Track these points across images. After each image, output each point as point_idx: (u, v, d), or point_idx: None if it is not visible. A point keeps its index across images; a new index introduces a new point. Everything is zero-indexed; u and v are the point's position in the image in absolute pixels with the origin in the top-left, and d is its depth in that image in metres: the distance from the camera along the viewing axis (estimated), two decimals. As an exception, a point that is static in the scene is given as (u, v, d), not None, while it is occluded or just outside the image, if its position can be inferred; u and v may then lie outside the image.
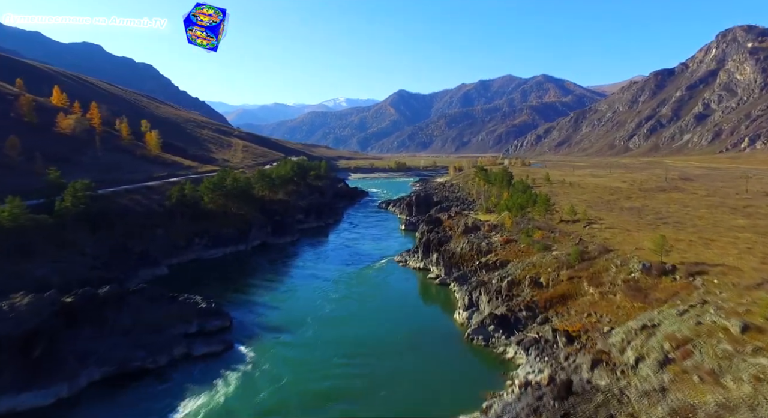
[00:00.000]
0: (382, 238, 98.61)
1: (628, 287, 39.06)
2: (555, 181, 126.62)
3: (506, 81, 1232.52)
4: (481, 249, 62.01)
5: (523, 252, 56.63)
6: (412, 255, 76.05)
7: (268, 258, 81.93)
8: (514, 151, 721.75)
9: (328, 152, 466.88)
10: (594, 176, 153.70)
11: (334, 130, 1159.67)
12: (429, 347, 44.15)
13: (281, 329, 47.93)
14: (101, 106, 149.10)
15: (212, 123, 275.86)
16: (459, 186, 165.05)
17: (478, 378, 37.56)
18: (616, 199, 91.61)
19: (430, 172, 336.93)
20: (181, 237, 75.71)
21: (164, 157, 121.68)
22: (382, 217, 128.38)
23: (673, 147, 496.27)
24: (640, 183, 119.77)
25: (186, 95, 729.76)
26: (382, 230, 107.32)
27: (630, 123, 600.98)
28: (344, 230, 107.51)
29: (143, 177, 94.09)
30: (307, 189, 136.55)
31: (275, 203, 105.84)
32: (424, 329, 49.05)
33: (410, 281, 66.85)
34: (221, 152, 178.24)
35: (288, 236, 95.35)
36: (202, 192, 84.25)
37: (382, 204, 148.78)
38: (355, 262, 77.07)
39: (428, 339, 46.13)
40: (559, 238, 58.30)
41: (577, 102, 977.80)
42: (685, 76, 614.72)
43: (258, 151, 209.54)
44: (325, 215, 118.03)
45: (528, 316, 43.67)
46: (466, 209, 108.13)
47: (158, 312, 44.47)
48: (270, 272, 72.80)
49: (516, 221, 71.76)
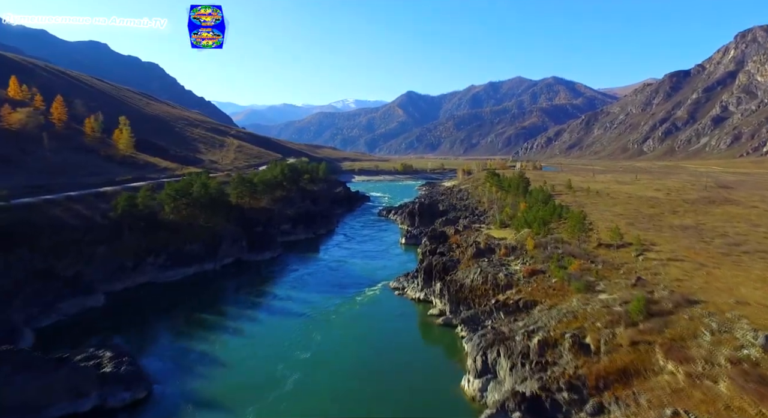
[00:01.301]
0: (378, 255, 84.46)
1: (741, 373, 24.67)
2: (578, 189, 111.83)
3: (516, 83, 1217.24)
4: (497, 281, 47.71)
5: (555, 291, 42.29)
6: (411, 280, 62.07)
7: (238, 281, 68.25)
8: (524, 153, 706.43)
9: (332, 153, 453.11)
10: (620, 183, 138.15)
11: (342, 131, 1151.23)
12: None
13: (219, 406, 33.94)
14: (76, 101, 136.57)
15: (209, 122, 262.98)
16: (468, 192, 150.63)
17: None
18: (659, 213, 76.14)
19: (437, 175, 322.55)
20: (129, 256, 62.14)
21: (138, 157, 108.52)
22: (381, 227, 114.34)
23: (689, 151, 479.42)
24: (677, 192, 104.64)
25: (191, 94, 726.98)
26: (379, 245, 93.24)
27: (644, 126, 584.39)
28: (336, 244, 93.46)
29: (101, 181, 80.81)
30: (299, 195, 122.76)
31: (256, 212, 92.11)
32: (419, 402, 34.96)
33: (407, 319, 52.76)
34: (211, 153, 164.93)
35: (268, 251, 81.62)
36: (163, 200, 70.76)
37: (383, 211, 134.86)
38: (341, 289, 63.03)
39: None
40: (605, 272, 43.64)
41: (588, 104, 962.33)
42: (702, 78, 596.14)
43: (253, 151, 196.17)
44: (316, 224, 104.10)
45: (572, 400, 29.46)
46: (476, 220, 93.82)
47: (35, 383, 30.71)
48: (233, 303, 59.09)
49: (540, 242, 57.45)
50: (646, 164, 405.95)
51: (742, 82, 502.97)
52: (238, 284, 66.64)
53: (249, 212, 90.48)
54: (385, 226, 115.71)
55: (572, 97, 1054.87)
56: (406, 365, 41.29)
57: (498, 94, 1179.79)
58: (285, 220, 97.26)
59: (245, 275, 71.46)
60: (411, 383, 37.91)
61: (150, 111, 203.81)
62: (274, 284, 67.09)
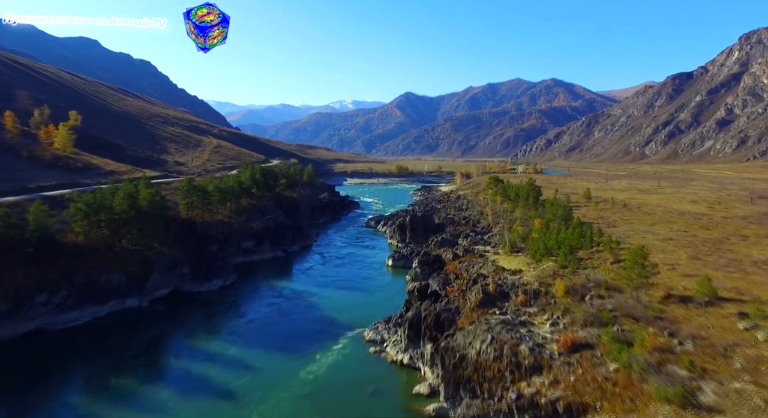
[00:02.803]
0: (357, 284, 67.55)
1: None
2: (598, 200, 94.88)
3: (515, 84, 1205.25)
4: (518, 359, 30.97)
5: (618, 389, 25.61)
6: (392, 330, 45.50)
7: (163, 326, 51.29)
8: (523, 156, 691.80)
9: (325, 154, 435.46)
10: (642, 191, 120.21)
11: (339, 131, 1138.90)
12: None
13: None
14: (20, 94, 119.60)
15: (190, 120, 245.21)
16: (468, 200, 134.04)
17: None
18: (723, 238, 56.98)
19: (434, 178, 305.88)
20: (8, 294, 45.23)
21: (78, 158, 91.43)
22: (367, 242, 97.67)
23: (693, 154, 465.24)
24: (720, 205, 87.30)
25: (184, 92, 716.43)
26: (361, 268, 76.43)
27: (646, 128, 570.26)
28: (308, 269, 76.43)
29: (6, 188, 63.86)
30: (273, 203, 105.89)
31: (212, 227, 75.29)
32: None
33: (381, 400, 35.88)
34: (181, 153, 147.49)
35: (218, 278, 64.78)
36: (71, 217, 53.91)
37: (371, 222, 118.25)
38: (299, 341, 46.18)
39: None
40: (704, 360, 26.12)
41: (587, 106, 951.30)
42: (705, 80, 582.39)
43: (232, 152, 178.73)
44: (287, 240, 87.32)
45: None
46: (479, 240, 77.02)
47: None
48: (136, 364, 42.05)
49: (572, 284, 40.77)
50: (650, 168, 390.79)
51: (747, 85, 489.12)
52: (161, 331, 49.69)
53: (203, 227, 73.71)
54: (372, 240, 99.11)
55: (571, 99, 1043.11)
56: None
57: (496, 96, 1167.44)
58: (248, 235, 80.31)
59: (179, 314, 54.56)
60: None
61: (121, 107, 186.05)
62: (208, 330, 50.19)
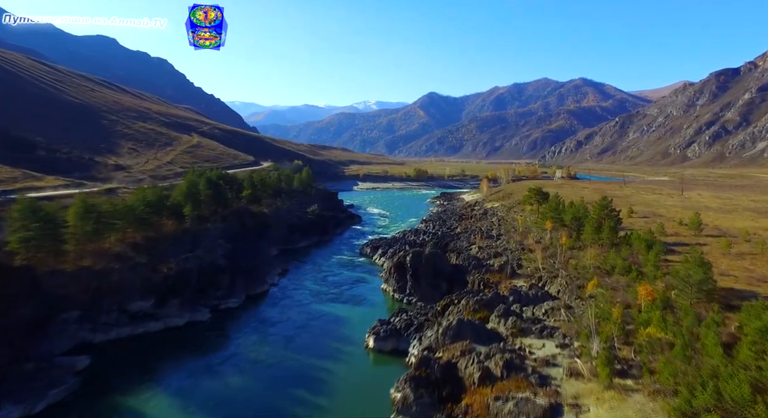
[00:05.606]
0: (300, 400, 35.73)
1: None
2: (707, 228, 61.14)
3: (542, 84, 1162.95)
4: None
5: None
6: None
7: None
8: (551, 158, 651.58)
9: (340, 155, 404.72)
10: (755, 213, 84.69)
11: (362, 132, 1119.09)
12: None
13: None
14: None
15: (176, 115, 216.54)
16: (498, 218, 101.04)
17: None
18: None
19: (456, 182, 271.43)
20: None
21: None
22: (353, 284, 65.93)
23: (743, 157, 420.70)
24: None
25: (201, 91, 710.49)
26: (323, 353, 44.00)
27: (687, 129, 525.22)
28: (225, 359, 44.36)
29: None
30: (226, 224, 75.04)
31: (72, 280, 44.41)
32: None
33: None
34: (135, 154, 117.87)
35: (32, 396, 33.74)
36: None
37: (367, 248, 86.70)
38: None
39: None
40: None
41: (618, 107, 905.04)
42: (754, 77, 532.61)
43: (211, 153, 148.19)
44: (222, 289, 56.06)
45: None
46: (531, 318, 44.00)
47: None
48: None
49: None
50: (697, 171, 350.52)
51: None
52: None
53: (54, 280, 43.05)
54: (361, 281, 67.40)
55: (601, 99, 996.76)
56: None
57: (523, 96, 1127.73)
58: (142, 290, 48.90)
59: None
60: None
61: (83, 99, 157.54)
62: None
